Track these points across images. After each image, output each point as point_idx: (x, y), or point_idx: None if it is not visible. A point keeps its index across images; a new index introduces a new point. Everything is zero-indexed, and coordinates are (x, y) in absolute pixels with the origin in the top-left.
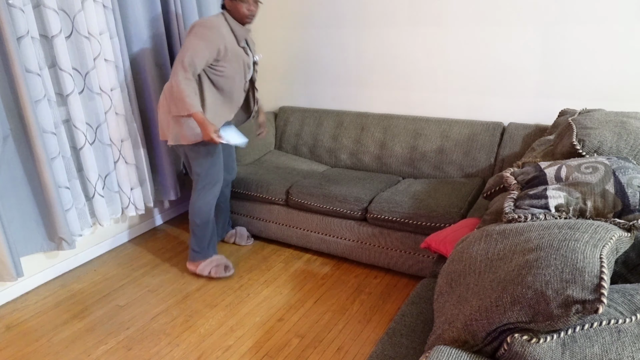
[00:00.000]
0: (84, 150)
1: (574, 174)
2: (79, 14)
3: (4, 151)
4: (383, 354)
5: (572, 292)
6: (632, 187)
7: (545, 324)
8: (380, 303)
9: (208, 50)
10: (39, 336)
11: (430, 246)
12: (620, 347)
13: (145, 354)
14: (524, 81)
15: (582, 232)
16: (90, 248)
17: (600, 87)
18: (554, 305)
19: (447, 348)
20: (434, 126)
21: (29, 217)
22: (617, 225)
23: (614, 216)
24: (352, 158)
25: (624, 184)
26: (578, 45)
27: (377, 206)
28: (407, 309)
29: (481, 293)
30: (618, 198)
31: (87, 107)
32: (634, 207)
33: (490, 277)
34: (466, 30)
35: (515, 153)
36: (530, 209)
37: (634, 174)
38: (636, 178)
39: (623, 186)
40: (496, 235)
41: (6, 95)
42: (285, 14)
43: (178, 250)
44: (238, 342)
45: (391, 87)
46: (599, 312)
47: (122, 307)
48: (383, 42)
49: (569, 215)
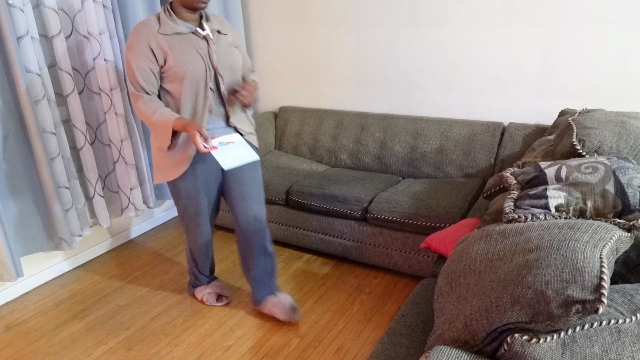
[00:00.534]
0: (84, 150)
1: (574, 174)
2: (79, 14)
3: (4, 151)
4: (383, 354)
5: (572, 292)
6: (632, 187)
7: (546, 324)
8: (380, 303)
9: (141, 59)
10: (39, 336)
11: (430, 246)
12: (620, 347)
13: (145, 354)
14: (524, 81)
15: (582, 232)
16: (90, 248)
17: (600, 87)
18: (554, 305)
19: (447, 348)
20: (434, 126)
21: (29, 217)
22: (617, 225)
23: (614, 216)
24: (352, 158)
25: (624, 184)
26: (578, 45)
27: (377, 206)
28: (407, 309)
29: (481, 293)
30: (618, 198)
31: (87, 107)
32: (634, 206)
33: (490, 277)
34: (466, 30)
35: (515, 153)
36: (531, 209)
37: (634, 174)
38: (636, 178)
39: (623, 186)
40: (496, 235)
41: (6, 95)
42: (285, 14)
43: (178, 250)
44: (238, 342)
45: (391, 87)
46: (599, 312)
47: (122, 307)
48: (383, 42)
49: (569, 215)
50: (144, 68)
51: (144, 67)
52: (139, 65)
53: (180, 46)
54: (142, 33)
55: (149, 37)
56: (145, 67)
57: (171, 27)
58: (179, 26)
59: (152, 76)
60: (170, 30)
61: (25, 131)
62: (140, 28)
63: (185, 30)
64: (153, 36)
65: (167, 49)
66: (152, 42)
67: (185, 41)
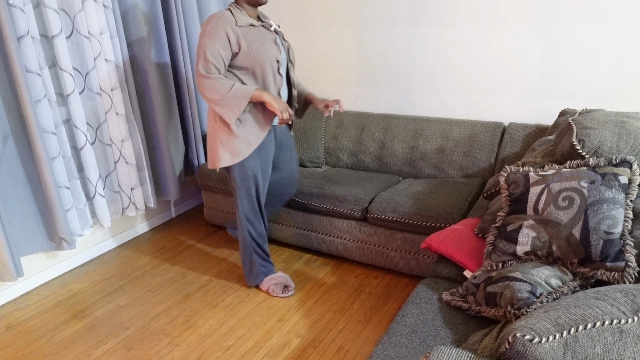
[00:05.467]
0: (85, 150)
1: (549, 207)
2: (79, 14)
3: (4, 151)
4: (383, 354)
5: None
6: (597, 234)
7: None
8: (380, 303)
9: (217, 43)
10: (39, 336)
11: (430, 246)
12: (622, 348)
13: (145, 354)
14: (525, 81)
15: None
16: (90, 248)
17: (600, 87)
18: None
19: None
20: (434, 126)
21: (29, 217)
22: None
23: (578, 262)
24: (352, 158)
25: (591, 230)
26: (578, 46)
27: (377, 206)
28: (407, 309)
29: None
30: (581, 246)
31: (88, 107)
32: (595, 257)
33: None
34: (466, 30)
35: (516, 153)
36: (502, 256)
37: (607, 212)
38: (607, 219)
39: (589, 232)
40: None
41: (6, 95)
42: (285, 14)
43: (178, 250)
44: (238, 342)
45: (391, 87)
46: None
47: (122, 307)
48: (383, 42)
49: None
50: (217, 51)
51: (218, 50)
52: (214, 48)
53: (254, 36)
54: (222, 22)
55: (227, 28)
56: (218, 51)
57: (245, 20)
58: (251, 20)
59: (222, 60)
60: (245, 22)
61: (25, 131)
62: (220, 18)
63: (257, 23)
64: (231, 27)
65: (243, 38)
66: (230, 32)
67: (258, 32)
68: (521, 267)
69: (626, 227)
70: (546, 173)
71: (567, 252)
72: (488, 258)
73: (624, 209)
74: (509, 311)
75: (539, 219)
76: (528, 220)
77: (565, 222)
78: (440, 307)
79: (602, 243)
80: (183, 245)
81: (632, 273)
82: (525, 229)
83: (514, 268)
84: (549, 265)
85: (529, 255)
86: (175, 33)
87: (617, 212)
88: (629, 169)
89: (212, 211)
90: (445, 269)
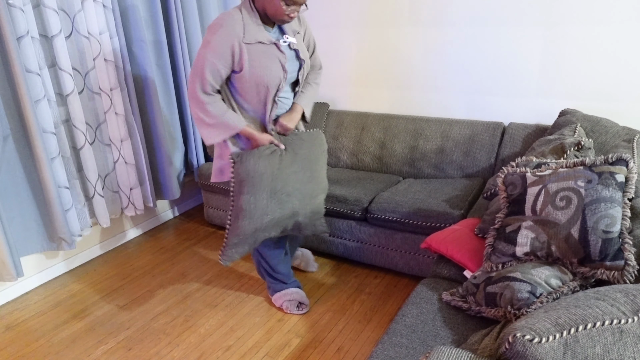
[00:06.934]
0: (84, 150)
1: (547, 208)
2: (79, 14)
3: (4, 151)
4: (383, 354)
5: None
6: (595, 233)
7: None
8: (380, 303)
9: (220, 62)
10: (39, 336)
11: (430, 246)
12: (622, 348)
13: (145, 354)
14: (525, 81)
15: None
16: (90, 248)
17: (600, 87)
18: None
19: (447, 348)
20: (434, 126)
21: (29, 217)
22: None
23: (578, 262)
24: (352, 158)
25: (589, 229)
26: (578, 46)
27: (377, 206)
28: (407, 309)
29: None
30: (580, 246)
31: (87, 107)
32: (594, 257)
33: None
34: (466, 30)
35: (516, 153)
36: (502, 257)
37: (605, 211)
38: (605, 218)
39: (587, 232)
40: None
41: (6, 95)
42: None
43: (178, 250)
44: (238, 342)
45: (391, 87)
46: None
47: (122, 307)
48: (383, 42)
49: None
50: (217, 70)
51: (217, 69)
52: (214, 67)
53: (259, 57)
54: (229, 36)
55: (234, 43)
56: (217, 70)
57: (254, 36)
58: (262, 33)
59: (220, 78)
60: (253, 39)
61: (25, 131)
62: (227, 29)
63: (267, 40)
64: (238, 42)
65: (247, 60)
66: (236, 48)
67: (265, 52)
68: (521, 267)
69: (624, 226)
70: (543, 173)
71: (566, 252)
72: (488, 260)
73: (622, 207)
74: (509, 311)
75: (537, 219)
76: (526, 221)
77: (563, 222)
78: (440, 307)
79: (600, 242)
80: (183, 245)
81: (631, 271)
82: (524, 230)
83: (513, 268)
84: (548, 266)
85: (528, 256)
86: (174, 33)
87: (614, 210)
88: (626, 167)
89: (212, 211)
90: (445, 269)
